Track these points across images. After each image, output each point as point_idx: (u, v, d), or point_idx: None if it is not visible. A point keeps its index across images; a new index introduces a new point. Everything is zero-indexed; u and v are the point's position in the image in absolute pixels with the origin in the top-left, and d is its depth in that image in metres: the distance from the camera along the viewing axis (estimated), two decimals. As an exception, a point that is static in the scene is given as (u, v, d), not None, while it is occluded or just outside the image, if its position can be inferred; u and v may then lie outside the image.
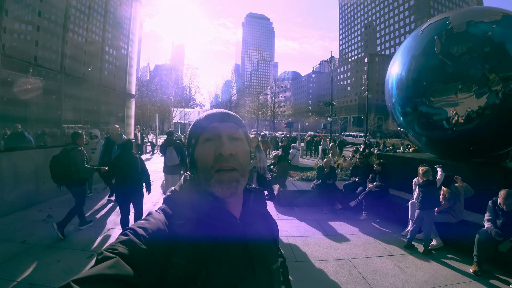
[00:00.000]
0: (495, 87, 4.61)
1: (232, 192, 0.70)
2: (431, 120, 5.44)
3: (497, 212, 3.63)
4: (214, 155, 0.71)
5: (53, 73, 6.89)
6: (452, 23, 5.16)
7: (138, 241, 0.58)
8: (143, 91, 33.76)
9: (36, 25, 6.41)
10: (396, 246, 4.35)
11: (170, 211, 0.69)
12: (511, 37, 4.71)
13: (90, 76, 8.52)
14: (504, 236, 3.48)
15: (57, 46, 7.06)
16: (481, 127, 4.87)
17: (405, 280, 3.34)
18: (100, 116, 9.24)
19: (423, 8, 77.43)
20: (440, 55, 5.08)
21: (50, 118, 7.05)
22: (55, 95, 7.08)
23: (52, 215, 5.14)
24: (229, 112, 0.81)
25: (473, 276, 3.51)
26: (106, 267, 0.51)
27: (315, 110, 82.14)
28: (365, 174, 6.05)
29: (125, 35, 10.66)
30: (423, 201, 4.22)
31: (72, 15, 7.61)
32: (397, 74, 6.02)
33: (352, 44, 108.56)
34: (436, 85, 5.19)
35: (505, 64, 4.61)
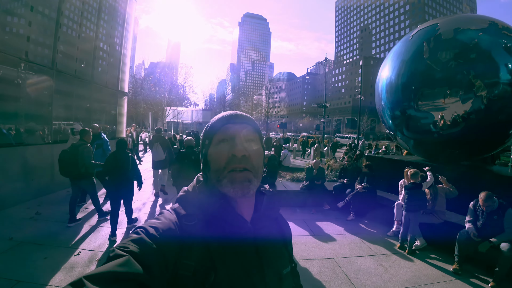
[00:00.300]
0: (480, 93, 4.75)
1: (244, 192, 0.70)
2: (419, 124, 5.57)
3: (477, 213, 3.75)
4: (227, 156, 0.71)
5: (44, 69, 6.82)
6: (440, 29, 5.29)
7: (149, 241, 0.59)
8: (137, 89, 33.60)
9: (28, 20, 6.34)
10: (381, 246, 4.44)
11: (182, 212, 0.70)
12: (497, 45, 4.84)
13: (82, 73, 8.47)
14: (484, 237, 3.60)
15: (50, 42, 7.00)
16: (466, 131, 5.01)
17: (387, 279, 3.43)
18: (92, 113, 9.17)
19: (418, 14, 78.53)
20: (428, 60, 5.21)
21: (40, 114, 6.98)
22: (46, 91, 7.01)
23: (41, 212, 5.12)
24: (243, 113, 0.81)
25: (454, 275, 3.62)
26: (117, 265, 0.51)
27: (309, 111, 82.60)
28: (353, 176, 6.15)
29: (119, 32, 10.59)
30: (410, 203, 4.32)
31: (66, 9, 7.56)
32: (387, 78, 6.14)
33: (348, 46, 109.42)
34: (424, 90, 5.32)
35: (490, 70, 4.75)
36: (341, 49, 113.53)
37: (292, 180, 7.45)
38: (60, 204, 5.64)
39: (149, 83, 27.02)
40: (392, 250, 4.30)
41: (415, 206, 4.30)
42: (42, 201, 5.77)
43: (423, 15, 77.00)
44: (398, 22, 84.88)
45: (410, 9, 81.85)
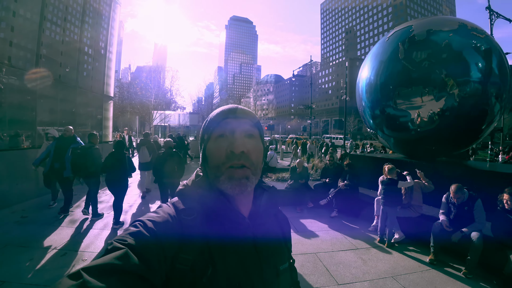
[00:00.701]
0: (453, 91, 4.97)
1: (241, 189, 0.69)
2: (398, 122, 5.76)
3: (449, 205, 3.96)
4: (226, 152, 0.70)
5: (27, 74, 6.77)
6: (414, 31, 5.52)
7: (147, 234, 0.59)
8: (124, 93, 33.24)
9: (10, 25, 6.32)
10: (361, 240, 4.60)
11: (180, 206, 0.70)
12: (466, 45, 5.10)
13: (67, 77, 8.44)
14: (456, 227, 3.81)
15: (32, 46, 6.98)
16: (442, 128, 5.23)
17: (366, 271, 3.57)
18: (77, 117, 9.13)
19: (400, 16, 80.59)
20: (404, 61, 5.42)
21: (25, 119, 6.94)
22: (30, 96, 6.97)
23: (27, 216, 5.14)
24: (244, 108, 0.79)
25: (429, 265, 3.80)
26: (114, 257, 0.51)
27: (297, 113, 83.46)
28: (335, 175, 6.34)
29: (104, 37, 10.58)
30: (386, 198, 4.52)
31: (49, 13, 7.54)
32: (366, 78, 6.32)
33: (334, 48, 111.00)
34: (401, 89, 5.51)
35: (461, 69, 4.99)
36: (327, 50, 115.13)
37: (277, 180, 7.59)
38: (45, 208, 5.69)
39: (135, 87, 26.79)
40: (372, 244, 4.46)
41: (391, 201, 4.50)
42: (26, 206, 5.75)
43: (405, 16, 79.05)
44: (381, 24, 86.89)
45: (393, 11, 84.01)
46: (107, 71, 10.77)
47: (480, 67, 5.02)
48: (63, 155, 5.24)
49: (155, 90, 22.88)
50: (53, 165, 5.25)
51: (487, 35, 5.39)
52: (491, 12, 13.06)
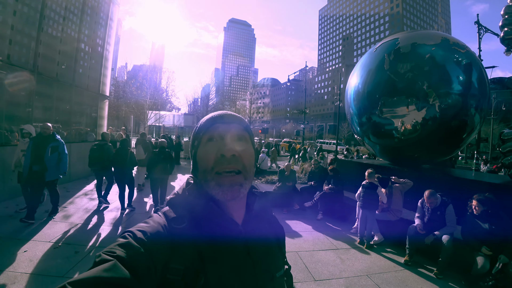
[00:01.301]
0: (434, 102, 5.23)
1: (234, 195, 0.68)
2: (383, 130, 5.99)
3: (424, 210, 4.22)
4: (216, 156, 0.69)
5: (25, 71, 6.91)
6: (400, 44, 5.79)
7: (137, 245, 0.58)
8: (119, 92, 33.27)
9: (10, 24, 6.49)
10: (342, 241, 4.83)
11: (171, 214, 0.69)
12: (448, 59, 5.38)
13: (63, 75, 8.57)
14: (429, 230, 4.06)
15: (31, 45, 7.13)
16: (424, 136, 5.49)
17: (342, 269, 3.79)
18: (72, 116, 9.25)
19: (397, 25, 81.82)
20: (389, 71, 5.68)
21: (21, 116, 7.06)
22: (27, 93, 7.10)
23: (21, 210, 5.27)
24: (233, 113, 0.79)
25: (404, 265, 4.04)
26: (102, 270, 0.50)
27: (293, 117, 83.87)
28: (321, 178, 6.58)
29: (101, 37, 10.71)
30: (365, 201, 4.77)
31: (49, 12, 7.69)
32: (354, 86, 6.56)
33: (331, 54, 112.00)
34: (386, 98, 5.76)
35: (442, 82, 5.25)
36: (324, 56, 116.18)
37: (266, 182, 7.81)
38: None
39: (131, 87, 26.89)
40: (352, 245, 4.69)
41: (369, 204, 4.75)
42: (20, 201, 5.80)
43: (401, 26, 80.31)
44: (378, 32, 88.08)
45: (389, 20, 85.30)
46: (103, 71, 10.91)
47: (461, 80, 5.30)
48: (42, 155, 4.73)
49: (150, 90, 23.04)
50: (31, 168, 4.66)
51: (468, 50, 5.68)
52: (480, 27, 13.56)
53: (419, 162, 6.55)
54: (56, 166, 4.91)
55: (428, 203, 4.09)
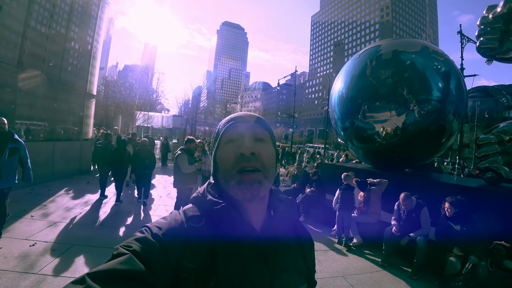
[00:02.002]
0: (414, 108, 5.38)
1: (253, 194, 0.67)
2: (365, 134, 6.11)
3: (400, 212, 4.35)
4: (235, 155, 0.69)
5: (9, 67, 6.82)
6: (382, 51, 5.94)
7: (153, 240, 0.59)
8: (108, 91, 32.87)
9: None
10: (322, 243, 4.91)
11: (190, 213, 0.69)
12: (427, 66, 5.55)
13: (50, 73, 8.46)
14: (405, 232, 4.18)
15: (17, 42, 7.04)
16: (404, 141, 5.62)
17: (319, 270, 3.84)
18: (57, 114, 9.12)
19: (387, 33, 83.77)
20: (370, 77, 5.83)
21: (3, 112, 6.94)
22: (11, 90, 7.00)
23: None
24: (253, 114, 0.79)
25: (381, 267, 4.14)
26: (118, 262, 0.52)
27: (283, 121, 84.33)
28: (303, 181, 6.69)
29: (90, 35, 10.62)
30: (341, 202, 4.89)
31: (38, 9, 7.62)
32: (338, 91, 6.68)
33: (322, 60, 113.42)
34: (368, 103, 5.88)
35: (421, 88, 5.42)
36: (315, 61, 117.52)
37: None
38: (18, 202, 5.70)
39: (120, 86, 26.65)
40: (331, 247, 4.78)
41: (346, 205, 4.87)
42: None
43: (391, 34, 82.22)
44: (369, 39, 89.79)
45: (379, 28, 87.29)
46: (91, 69, 10.78)
47: (439, 86, 5.46)
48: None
49: (140, 91, 22.89)
50: None
51: (447, 58, 5.88)
52: (462, 37, 14.05)
53: (400, 166, 6.71)
54: (12, 172, 3.99)
55: (403, 206, 4.22)
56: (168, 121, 20.13)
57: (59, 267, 3.34)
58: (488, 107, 33.15)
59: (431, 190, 5.33)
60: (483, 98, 37.24)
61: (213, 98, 56.74)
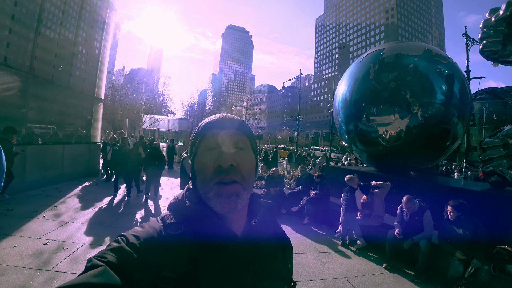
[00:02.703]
0: (417, 111, 5.38)
1: (231, 207, 0.65)
2: (369, 137, 6.13)
3: (402, 215, 4.37)
4: (213, 166, 0.66)
5: (21, 73, 7.03)
6: (384, 54, 5.96)
7: (129, 249, 0.57)
8: (115, 95, 33.35)
9: (8, 27, 6.68)
10: (325, 245, 4.94)
11: (168, 220, 0.67)
12: (430, 69, 5.55)
13: (59, 78, 8.67)
14: (407, 236, 4.19)
15: (28, 48, 7.26)
16: (407, 144, 5.63)
17: (322, 272, 3.90)
18: (66, 117, 9.33)
19: (392, 35, 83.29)
20: (373, 80, 5.86)
21: (16, 116, 7.17)
22: (22, 94, 7.21)
23: (13, 208, 5.39)
24: (233, 117, 0.75)
25: (383, 269, 4.14)
26: (92, 275, 0.50)
27: (288, 123, 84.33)
28: (307, 184, 6.74)
29: (98, 40, 10.85)
30: (346, 205, 4.93)
31: (47, 16, 7.85)
32: (342, 94, 6.71)
33: (327, 62, 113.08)
34: (372, 107, 5.91)
35: (424, 91, 5.43)
36: (320, 64, 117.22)
37: (255, 187, 7.94)
38: (29, 203, 5.90)
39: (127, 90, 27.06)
40: (335, 249, 4.80)
41: (350, 207, 4.90)
42: (11, 200, 5.95)
43: (396, 36, 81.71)
44: (374, 42, 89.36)
45: (385, 30, 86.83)
46: (99, 74, 10.99)
47: (443, 89, 5.46)
48: None
49: (146, 94, 23.19)
50: None
51: (450, 61, 5.87)
52: (468, 38, 13.96)
53: (405, 169, 6.71)
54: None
55: (406, 209, 4.24)
56: (174, 124, 20.34)
57: (71, 264, 3.48)
58: (497, 109, 32.65)
59: (434, 193, 5.35)
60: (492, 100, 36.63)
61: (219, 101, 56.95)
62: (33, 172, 7.14)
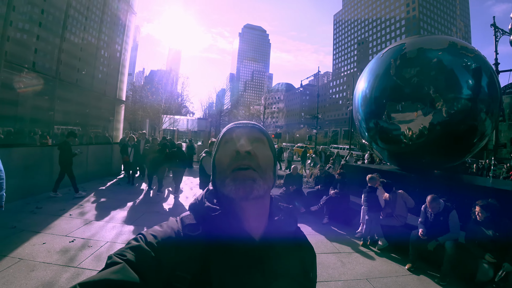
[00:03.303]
0: (440, 107, 5.19)
1: (246, 191, 0.65)
2: (390, 135, 5.97)
3: (426, 215, 4.21)
4: (231, 155, 0.69)
5: (48, 78, 7.38)
6: (406, 49, 5.76)
7: (147, 248, 0.58)
8: (136, 96, 34.30)
9: (36, 34, 7.04)
10: (346, 245, 4.84)
11: (187, 221, 0.68)
12: (455, 63, 5.32)
13: (83, 81, 9.03)
14: (432, 236, 4.03)
15: (54, 53, 7.62)
16: (431, 141, 5.44)
17: (342, 272, 3.82)
18: (90, 119, 9.70)
19: (413, 29, 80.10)
20: (395, 76, 5.68)
21: (43, 119, 7.55)
22: (49, 98, 7.57)
23: (42, 206, 5.68)
24: (252, 122, 0.79)
25: (406, 271, 4.01)
26: (111, 272, 0.52)
27: (307, 122, 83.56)
28: (326, 183, 6.63)
29: (119, 44, 11.18)
30: (368, 205, 4.80)
31: (71, 22, 8.21)
32: (362, 91, 6.56)
33: (346, 59, 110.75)
34: (393, 103, 5.75)
35: (449, 86, 5.21)
36: (339, 61, 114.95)
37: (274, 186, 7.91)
38: (57, 201, 6.21)
39: (147, 92, 27.83)
40: (355, 249, 4.69)
41: (372, 207, 4.77)
42: (39, 198, 6.28)
43: (418, 30, 78.59)
44: (394, 36, 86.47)
45: (405, 24, 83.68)
46: (120, 76, 11.37)
47: (469, 84, 5.22)
48: None
49: (165, 95, 23.68)
50: None
51: (477, 54, 5.58)
52: (496, 29, 13.17)
53: (428, 168, 6.47)
54: None
55: (430, 208, 4.08)
56: (193, 124, 20.68)
57: (95, 262, 3.60)
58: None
59: (461, 193, 5.12)
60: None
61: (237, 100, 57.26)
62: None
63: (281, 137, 32.42)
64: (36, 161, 6.83)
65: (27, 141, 6.84)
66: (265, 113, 46.86)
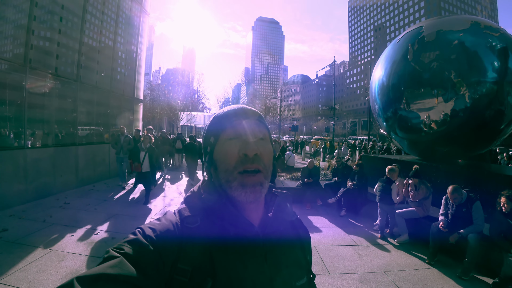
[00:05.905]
0: (463, 92, 4.92)
1: (256, 196, 0.66)
2: (409, 124, 5.75)
3: (448, 206, 4.04)
4: (238, 156, 0.67)
5: (70, 81, 7.76)
6: (424, 32, 5.51)
7: (145, 242, 0.58)
8: (153, 95, 35.03)
9: (57, 41, 7.39)
10: (363, 238, 4.75)
11: (185, 213, 0.67)
12: (479, 44, 5.00)
13: (102, 83, 9.37)
14: (454, 228, 3.88)
15: (74, 58, 7.97)
16: (453, 129, 5.20)
17: (359, 265, 3.76)
18: (110, 118, 10.05)
19: (433, 10, 75.65)
20: (412, 62, 5.44)
21: (67, 120, 7.93)
22: (72, 100, 7.93)
23: (69, 202, 6.03)
24: (251, 108, 0.75)
25: (426, 264, 3.87)
26: (109, 266, 0.51)
27: (324, 113, 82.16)
28: (343, 175, 6.53)
29: (134, 45, 11.46)
30: (380, 195, 4.69)
31: (89, 26, 8.51)
32: (379, 79, 6.36)
33: (362, 47, 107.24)
34: (411, 90, 5.53)
35: (472, 70, 4.93)
36: (355, 49, 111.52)
37: (291, 179, 7.90)
38: (83, 197, 6.59)
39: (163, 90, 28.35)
40: (373, 242, 4.59)
41: (384, 199, 4.64)
42: (68, 194, 6.69)
43: (438, 11, 74.27)
44: (413, 20, 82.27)
45: (425, 5, 79.00)
46: (137, 76, 11.69)
47: (494, 66, 4.91)
48: None
49: (182, 93, 24.02)
50: None
51: (503, 32, 5.18)
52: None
53: (451, 157, 6.22)
54: None
55: (451, 199, 3.92)
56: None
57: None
58: None
59: (485, 183, 4.90)
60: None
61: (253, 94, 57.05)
62: (85, 170, 7.95)
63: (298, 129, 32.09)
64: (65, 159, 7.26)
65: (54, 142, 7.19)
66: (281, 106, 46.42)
